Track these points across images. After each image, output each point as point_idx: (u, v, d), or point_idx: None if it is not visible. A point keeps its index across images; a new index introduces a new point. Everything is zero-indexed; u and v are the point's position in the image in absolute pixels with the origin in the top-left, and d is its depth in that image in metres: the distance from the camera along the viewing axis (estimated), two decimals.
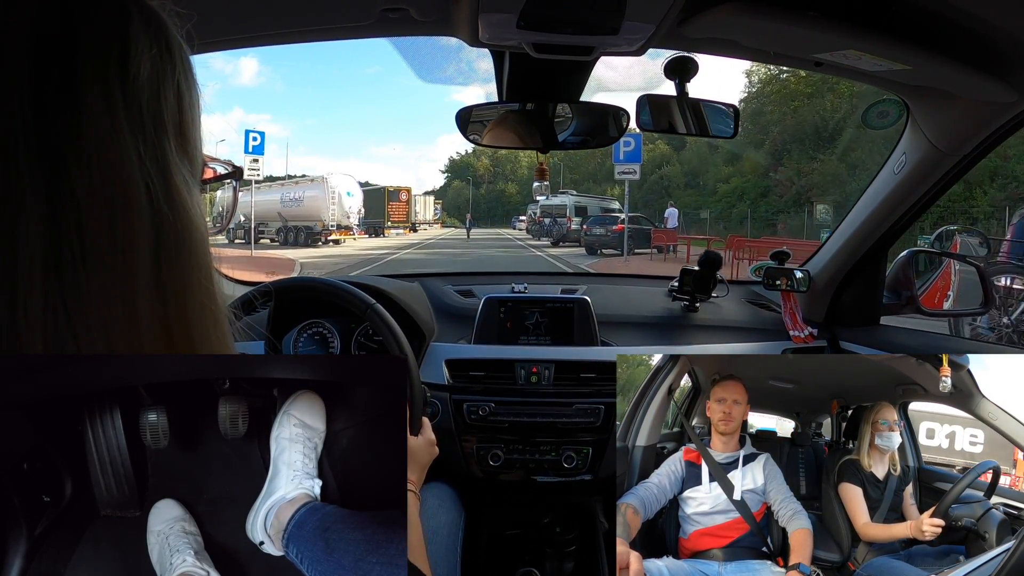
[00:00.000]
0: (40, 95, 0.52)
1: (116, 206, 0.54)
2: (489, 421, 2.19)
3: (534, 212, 44.79)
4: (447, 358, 2.29)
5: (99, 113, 0.54)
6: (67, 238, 0.51)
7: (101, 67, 0.55)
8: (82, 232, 0.52)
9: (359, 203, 38.36)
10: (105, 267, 0.53)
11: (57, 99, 0.53)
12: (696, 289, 2.59)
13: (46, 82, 0.52)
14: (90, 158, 0.53)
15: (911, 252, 2.35)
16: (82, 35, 0.55)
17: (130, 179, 0.55)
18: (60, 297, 0.51)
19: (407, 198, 48.61)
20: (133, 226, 0.55)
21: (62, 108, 0.53)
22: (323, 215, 35.13)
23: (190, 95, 0.65)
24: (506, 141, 1.87)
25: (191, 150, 0.64)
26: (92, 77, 0.54)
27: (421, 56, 2.17)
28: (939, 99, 1.73)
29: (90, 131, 0.53)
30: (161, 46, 0.60)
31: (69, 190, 0.52)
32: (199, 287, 0.61)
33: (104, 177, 0.54)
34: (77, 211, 0.52)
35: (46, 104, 0.52)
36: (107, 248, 0.53)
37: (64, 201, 0.52)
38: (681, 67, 1.64)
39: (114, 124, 0.55)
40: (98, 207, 0.53)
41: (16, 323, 0.50)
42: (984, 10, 1.29)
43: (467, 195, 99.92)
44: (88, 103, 0.54)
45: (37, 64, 0.52)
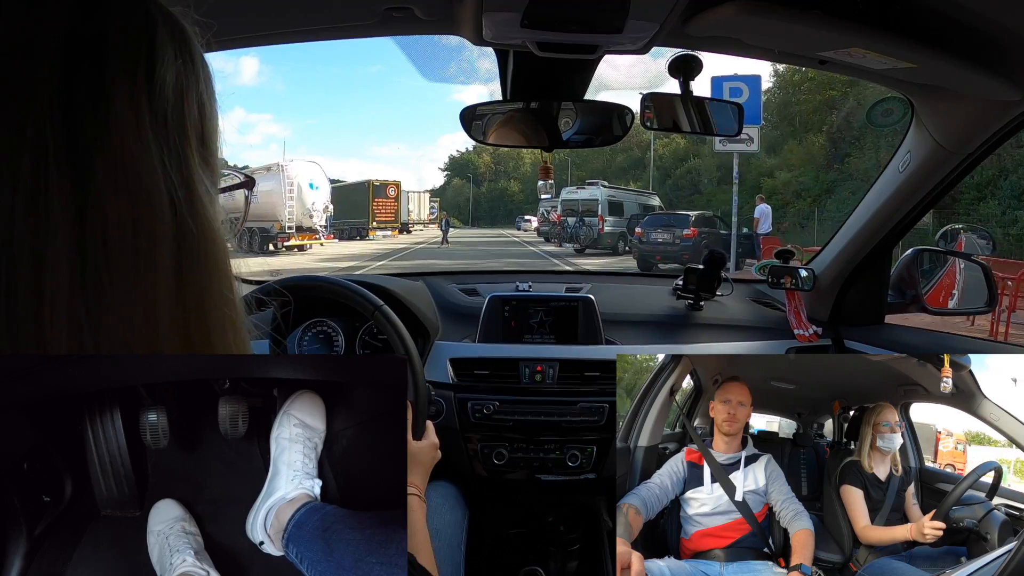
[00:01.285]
0: (70, 99, 0.53)
1: (140, 213, 0.55)
2: (493, 420, 2.19)
3: (548, 210, 36.63)
4: (451, 357, 2.30)
5: (126, 119, 0.55)
6: (92, 244, 0.52)
7: (129, 74, 0.56)
8: (107, 238, 0.53)
9: (325, 198, 31.24)
10: (128, 274, 0.54)
11: (86, 103, 0.53)
12: (700, 288, 2.59)
13: (76, 86, 0.53)
14: (116, 163, 0.54)
15: (916, 250, 2.34)
16: (111, 42, 0.56)
17: (154, 187, 0.56)
18: (83, 302, 0.52)
19: (396, 194, 42.78)
20: (156, 233, 0.55)
21: (90, 112, 0.53)
22: (279, 213, 28.46)
23: (211, 106, 0.66)
24: (510, 140, 1.87)
25: (212, 160, 0.65)
26: (120, 83, 0.55)
27: (425, 55, 2.17)
28: (944, 97, 1.73)
29: (117, 137, 0.54)
30: (186, 57, 0.61)
31: (96, 193, 0.52)
32: (219, 296, 0.61)
33: (129, 182, 0.54)
34: (103, 217, 0.53)
35: (75, 107, 0.53)
36: (130, 255, 0.54)
37: (91, 206, 0.52)
38: (685, 65, 1.63)
39: (140, 131, 0.56)
40: (122, 211, 0.54)
41: (42, 328, 0.51)
42: (989, 8, 1.29)
43: (467, 194, 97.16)
44: (115, 108, 0.54)
45: (67, 69, 0.53)
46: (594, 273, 4.25)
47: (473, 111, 1.83)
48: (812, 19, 1.30)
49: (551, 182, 2.78)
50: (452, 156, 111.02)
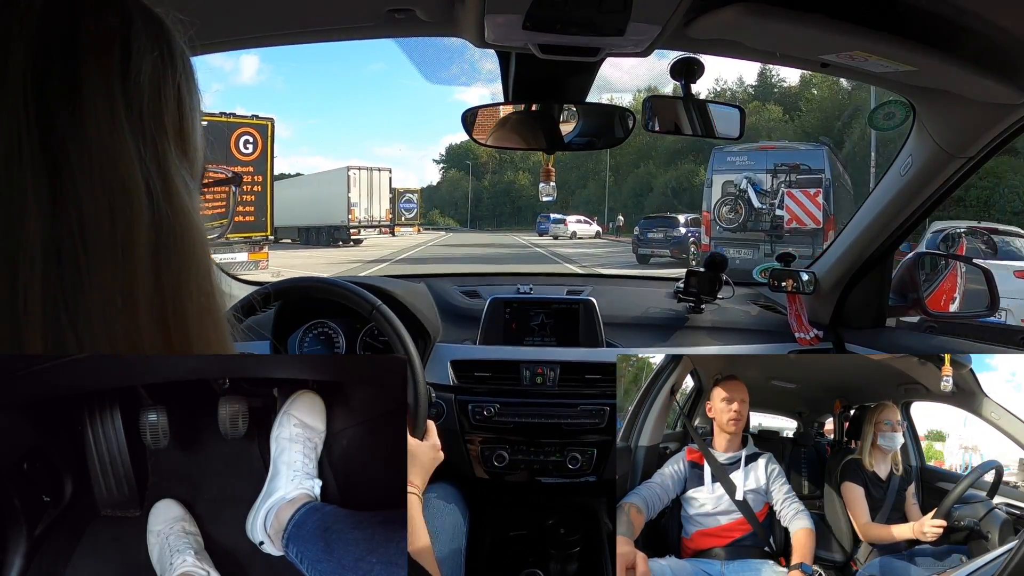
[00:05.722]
0: (43, 90, 0.53)
1: (116, 202, 0.54)
2: (494, 422, 2.19)
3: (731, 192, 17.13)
4: (452, 359, 2.29)
5: (100, 110, 0.55)
6: (68, 232, 0.52)
7: (103, 66, 0.56)
8: (83, 227, 0.53)
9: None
10: (105, 261, 0.54)
11: (59, 94, 0.53)
12: (702, 291, 2.58)
13: (48, 77, 0.53)
14: (91, 154, 0.54)
15: (917, 254, 2.35)
16: (85, 34, 0.56)
17: (130, 176, 0.56)
18: (60, 289, 0.52)
19: (258, 148, 16.22)
20: (133, 223, 0.55)
21: (64, 103, 0.53)
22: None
23: (191, 99, 0.65)
24: (511, 142, 1.88)
25: (191, 153, 0.65)
26: (94, 75, 0.55)
27: (426, 56, 2.17)
28: (945, 101, 1.72)
29: (91, 127, 0.54)
30: (163, 49, 0.61)
31: (71, 185, 0.53)
32: (197, 288, 0.61)
33: (105, 173, 0.54)
34: (78, 206, 0.53)
35: (49, 99, 0.53)
36: (107, 243, 0.54)
37: (66, 196, 0.52)
38: (687, 68, 1.64)
39: (115, 122, 0.56)
40: (99, 202, 0.53)
41: (16, 313, 0.51)
42: (990, 11, 1.29)
43: (466, 188, 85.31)
44: (89, 100, 0.54)
45: (41, 61, 0.53)
46: (595, 276, 4.25)
47: (475, 113, 1.84)
48: (814, 22, 1.30)
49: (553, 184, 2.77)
50: (451, 145, 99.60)
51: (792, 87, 47.27)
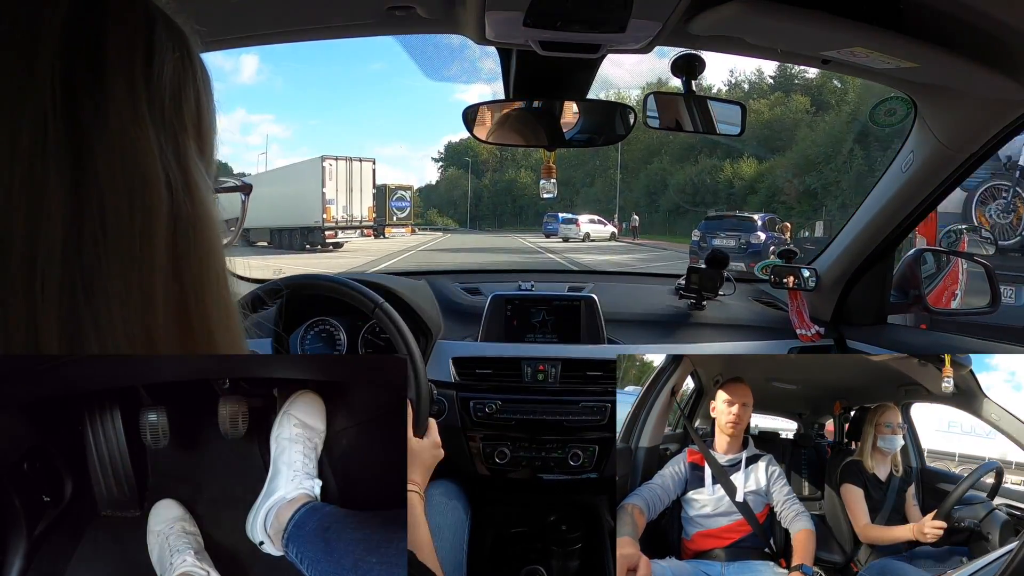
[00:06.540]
0: (69, 85, 0.54)
1: (136, 192, 0.55)
2: (496, 419, 2.19)
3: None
4: (454, 356, 2.29)
5: (123, 104, 0.56)
6: (88, 219, 0.53)
7: (127, 62, 0.57)
8: (103, 214, 0.53)
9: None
10: (124, 249, 0.54)
11: (85, 89, 0.54)
12: (703, 287, 2.58)
13: (75, 73, 0.54)
14: (113, 143, 0.55)
15: (918, 250, 2.34)
16: (110, 33, 0.57)
17: (151, 167, 0.57)
18: (80, 275, 0.52)
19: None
20: (152, 212, 0.56)
21: (89, 97, 0.54)
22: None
23: (208, 101, 0.67)
24: (512, 139, 1.88)
25: (208, 152, 0.66)
26: (118, 69, 0.56)
27: (427, 54, 2.17)
28: (946, 97, 1.72)
29: (114, 118, 0.55)
30: (183, 52, 0.63)
31: (93, 175, 0.53)
32: (216, 278, 0.62)
33: (127, 165, 0.55)
34: (99, 194, 0.53)
35: (74, 92, 0.54)
36: (126, 231, 0.54)
37: (88, 186, 0.53)
38: (688, 65, 1.63)
39: (137, 116, 0.57)
40: (119, 192, 0.54)
41: (34, 299, 0.51)
42: (991, 7, 1.28)
43: (465, 186, 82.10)
44: (113, 94, 0.56)
45: (67, 57, 0.54)
46: (597, 272, 4.26)
47: (476, 110, 1.84)
48: (815, 18, 1.30)
49: (554, 180, 2.76)
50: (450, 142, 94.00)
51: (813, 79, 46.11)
